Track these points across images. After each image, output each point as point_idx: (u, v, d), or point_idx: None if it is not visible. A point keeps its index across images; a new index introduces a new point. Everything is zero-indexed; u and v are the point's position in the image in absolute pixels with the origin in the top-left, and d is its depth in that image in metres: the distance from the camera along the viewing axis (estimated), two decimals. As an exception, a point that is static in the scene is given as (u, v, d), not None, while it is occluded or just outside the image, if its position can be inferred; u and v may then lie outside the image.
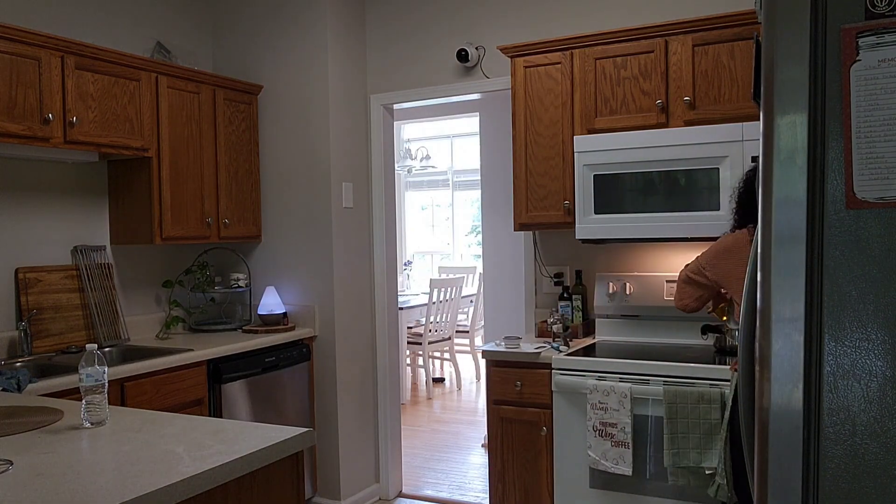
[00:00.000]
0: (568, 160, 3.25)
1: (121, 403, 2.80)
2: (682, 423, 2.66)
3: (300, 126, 3.91)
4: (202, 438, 1.80)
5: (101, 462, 1.64)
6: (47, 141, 2.93)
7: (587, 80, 3.21)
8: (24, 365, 2.86)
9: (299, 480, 1.87)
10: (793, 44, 1.11)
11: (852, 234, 1.08)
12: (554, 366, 2.99)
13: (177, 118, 3.52)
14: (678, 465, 2.65)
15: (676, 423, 2.67)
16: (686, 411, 2.66)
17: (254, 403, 3.46)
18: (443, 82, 3.92)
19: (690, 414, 2.66)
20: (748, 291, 1.33)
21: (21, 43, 2.83)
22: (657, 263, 3.42)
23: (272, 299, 3.84)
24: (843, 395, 1.09)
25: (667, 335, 3.29)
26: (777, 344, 1.12)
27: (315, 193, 3.87)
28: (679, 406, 2.67)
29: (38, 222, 3.27)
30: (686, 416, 2.66)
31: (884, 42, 1.06)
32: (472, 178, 8.56)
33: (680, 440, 2.66)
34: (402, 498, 4.18)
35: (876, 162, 1.07)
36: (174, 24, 3.96)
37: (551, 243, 3.66)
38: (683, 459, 2.64)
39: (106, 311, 3.44)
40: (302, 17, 3.88)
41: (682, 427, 2.66)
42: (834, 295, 1.09)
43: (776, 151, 1.12)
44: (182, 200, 3.54)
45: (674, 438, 2.66)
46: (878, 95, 1.06)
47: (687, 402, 2.67)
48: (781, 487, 1.13)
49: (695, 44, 3.00)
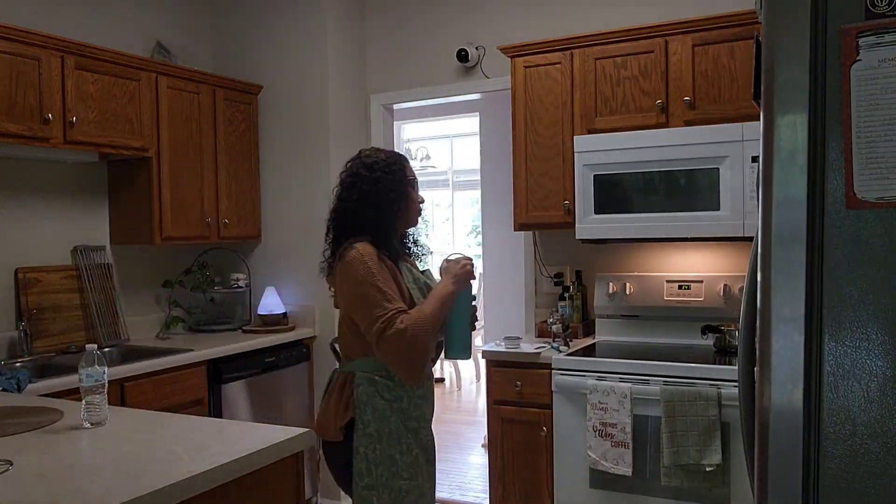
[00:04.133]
0: (568, 160, 3.24)
1: (121, 403, 2.80)
2: (681, 422, 2.66)
3: (300, 126, 3.91)
4: (202, 438, 1.80)
5: (101, 462, 1.64)
6: (47, 141, 2.93)
7: (587, 80, 3.21)
8: (24, 365, 2.86)
9: (299, 480, 1.87)
10: (793, 44, 1.11)
11: (852, 234, 1.08)
12: (554, 366, 2.99)
13: (177, 118, 3.52)
14: (678, 463, 2.65)
15: (675, 422, 2.67)
16: (684, 409, 2.66)
17: (254, 403, 3.46)
18: (443, 82, 3.92)
19: (689, 412, 2.66)
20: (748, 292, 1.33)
21: (21, 43, 2.83)
22: (657, 263, 3.42)
23: (272, 299, 3.84)
24: (843, 395, 1.09)
25: (667, 335, 3.28)
26: (777, 344, 1.12)
27: (315, 193, 3.87)
28: (677, 404, 2.67)
29: (38, 222, 3.27)
30: (684, 414, 2.66)
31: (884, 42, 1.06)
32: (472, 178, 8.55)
33: (679, 438, 2.66)
34: (402, 498, 4.17)
35: (876, 162, 1.07)
36: (174, 24, 3.96)
37: (551, 243, 3.65)
38: (683, 457, 2.64)
39: (106, 311, 3.44)
40: (302, 17, 3.88)
41: (680, 425, 2.66)
42: (834, 295, 1.09)
43: (776, 151, 1.12)
44: (182, 200, 3.54)
45: (673, 437, 2.66)
46: (879, 95, 1.06)
47: (685, 400, 2.67)
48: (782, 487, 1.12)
49: (695, 44, 2.99)
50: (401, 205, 2.14)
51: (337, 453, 2.11)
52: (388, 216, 2.12)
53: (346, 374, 2.12)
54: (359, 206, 2.10)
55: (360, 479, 2.04)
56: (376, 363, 2.06)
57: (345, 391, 2.10)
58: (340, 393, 2.11)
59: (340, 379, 2.13)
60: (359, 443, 2.04)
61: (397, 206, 2.13)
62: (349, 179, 2.15)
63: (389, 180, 2.12)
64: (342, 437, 2.08)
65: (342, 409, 2.08)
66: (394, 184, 2.12)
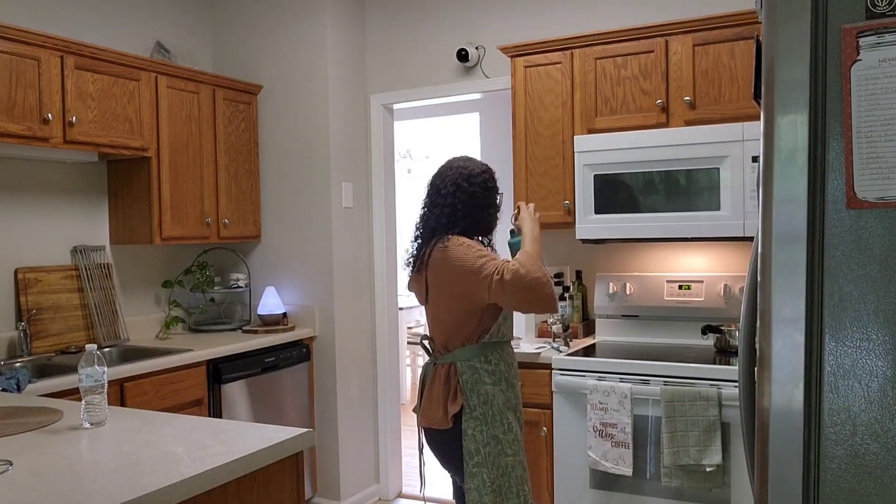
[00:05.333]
0: (568, 160, 3.24)
1: (120, 404, 2.80)
2: (682, 422, 2.66)
3: (300, 126, 3.91)
4: (202, 439, 1.80)
5: (101, 462, 1.64)
6: (47, 141, 2.93)
7: (587, 80, 3.21)
8: (23, 365, 2.85)
9: (299, 481, 1.87)
10: (793, 44, 1.10)
11: (853, 233, 1.08)
12: (554, 366, 2.99)
13: (176, 118, 3.52)
14: (678, 463, 2.65)
15: (675, 422, 2.67)
16: (684, 409, 2.66)
17: (254, 404, 3.46)
18: (443, 82, 3.92)
19: (689, 412, 2.66)
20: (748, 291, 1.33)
21: (21, 43, 2.83)
22: (657, 263, 3.42)
23: (272, 299, 3.84)
24: (843, 395, 1.09)
25: (667, 335, 3.28)
26: (777, 344, 1.12)
27: (315, 193, 3.87)
28: (677, 404, 2.67)
29: (37, 222, 3.27)
30: (685, 415, 2.66)
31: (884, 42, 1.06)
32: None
33: (679, 438, 2.66)
34: (402, 498, 4.17)
35: (876, 162, 1.07)
36: (174, 24, 3.96)
37: (551, 243, 3.65)
38: (683, 457, 2.64)
39: (105, 311, 3.43)
40: (302, 17, 3.88)
41: (681, 425, 2.66)
42: (834, 295, 1.09)
43: (777, 151, 1.12)
44: (181, 200, 3.54)
45: (673, 437, 2.66)
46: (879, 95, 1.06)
47: (685, 399, 2.66)
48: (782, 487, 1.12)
49: (695, 43, 2.99)
50: (490, 212, 2.41)
51: (447, 439, 2.30)
52: (479, 222, 2.38)
53: (448, 365, 2.31)
54: (455, 213, 2.33)
55: (469, 458, 2.25)
56: (476, 351, 2.28)
57: (450, 381, 2.29)
58: (447, 383, 2.30)
59: (443, 370, 2.32)
60: (467, 426, 2.25)
61: (487, 213, 2.39)
62: (449, 188, 2.35)
63: (485, 190, 2.38)
64: (451, 424, 2.27)
65: (452, 398, 2.28)
66: (488, 193, 2.39)
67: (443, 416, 2.28)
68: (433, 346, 2.40)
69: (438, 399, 2.30)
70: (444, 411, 2.28)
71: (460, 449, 2.26)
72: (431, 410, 2.32)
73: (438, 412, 2.29)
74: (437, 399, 2.31)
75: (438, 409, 2.29)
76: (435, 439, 2.36)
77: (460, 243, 2.25)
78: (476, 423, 2.25)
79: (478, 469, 2.24)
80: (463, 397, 2.25)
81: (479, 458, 2.24)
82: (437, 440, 2.35)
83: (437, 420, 2.30)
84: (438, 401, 2.30)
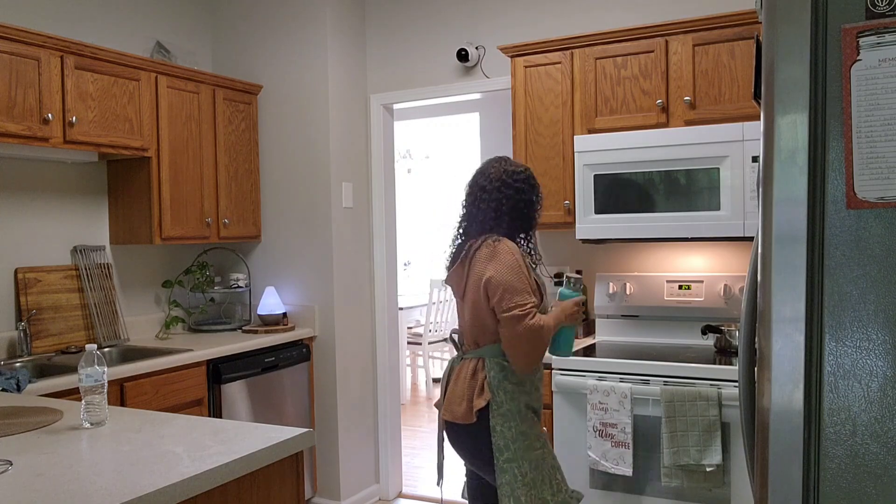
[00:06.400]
0: (568, 160, 3.24)
1: (120, 404, 2.80)
2: (682, 422, 2.66)
3: (300, 126, 3.91)
4: (202, 439, 1.80)
5: (101, 462, 1.64)
6: (47, 141, 2.93)
7: (587, 80, 3.21)
8: (23, 365, 2.86)
9: (299, 481, 1.87)
10: (793, 44, 1.10)
11: (853, 233, 1.08)
12: (554, 366, 2.99)
13: (176, 118, 3.52)
14: (678, 463, 2.65)
15: (675, 422, 2.67)
16: (684, 409, 2.66)
17: (253, 404, 3.46)
18: (443, 82, 3.92)
19: (689, 412, 2.66)
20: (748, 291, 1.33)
21: (21, 43, 2.83)
22: (657, 263, 3.42)
23: (272, 299, 3.84)
24: (843, 395, 1.09)
25: (667, 335, 3.28)
26: (777, 344, 1.12)
27: (315, 193, 3.87)
28: (677, 404, 2.67)
29: (37, 222, 3.27)
30: (685, 415, 2.66)
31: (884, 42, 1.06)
32: (471, 178, 8.52)
33: (679, 438, 2.66)
34: (402, 498, 4.17)
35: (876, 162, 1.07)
36: (174, 24, 3.96)
37: (551, 243, 3.65)
38: (683, 457, 2.64)
39: (105, 311, 3.44)
40: (302, 17, 3.88)
41: (681, 425, 2.66)
42: (834, 295, 1.09)
43: (777, 151, 1.12)
44: (181, 200, 3.54)
45: (673, 437, 2.66)
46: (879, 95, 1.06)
47: (685, 400, 2.66)
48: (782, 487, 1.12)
49: (695, 43, 2.99)
50: (534, 209, 2.43)
51: (469, 434, 2.31)
52: (523, 218, 2.41)
53: (476, 360, 2.33)
54: (500, 208, 2.36)
55: (499, 454, 2.26)
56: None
57: (477, 376, 2.31)
58: (473, 378, 2.31)
59: (470, 365, 2.34)
60: (495, 422, 2.26)
61: (531, 209, 2.42)
62: (494, 184, 2.38)
63: (530, 187, 2.41)
64: (475, 419, 2.28)
65: (479, 392, 2.29)
66: (531, 190, 2.41)
67: (466, 410, 2.29)
68: (462, 341, 2.42)
69: (463, 393, 2.31)
70: (468, 405, 2.29)
71: (486, 445, 2.27)
72: (455, 404, 2.33)
73: (462, 406, 2.30)
74: (462, 393, 2.32)
75: (462, 403, 2.31)
76: (458, 434, 2.36)
77: (511, 251, 2.27)
78: (503, 419, 2.26)
79: (508, 465, 2.25)
80: (490, 393, 2.27)
81: (508, 453, 2.25)
82: (459, 434, 2.36)
83: (460, 414, 2.31)
84: (463, 395, 2.31)
